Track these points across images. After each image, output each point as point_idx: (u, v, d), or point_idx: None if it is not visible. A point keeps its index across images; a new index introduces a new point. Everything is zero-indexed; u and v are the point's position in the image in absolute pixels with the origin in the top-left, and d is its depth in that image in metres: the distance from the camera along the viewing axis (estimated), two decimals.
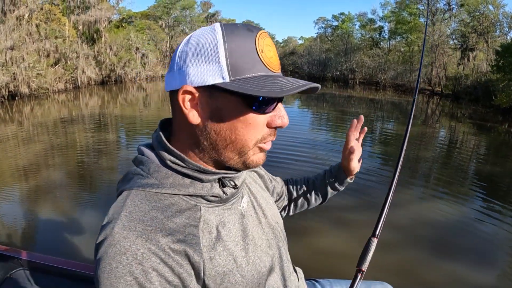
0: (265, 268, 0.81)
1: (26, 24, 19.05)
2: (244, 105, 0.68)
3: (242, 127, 0.70)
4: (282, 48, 71.22)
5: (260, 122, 0.71)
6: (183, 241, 0.67)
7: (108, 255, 0.62)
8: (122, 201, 0.70)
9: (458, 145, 9.82)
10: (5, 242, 3.79)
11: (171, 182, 0.72)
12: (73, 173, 6.31)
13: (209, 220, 0.73)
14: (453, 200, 5.23)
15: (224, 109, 0.69)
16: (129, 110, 15.14)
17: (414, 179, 6.23)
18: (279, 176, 1.27)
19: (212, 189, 0.74)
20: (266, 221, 0.90)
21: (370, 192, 5.24)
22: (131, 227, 0.64)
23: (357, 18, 40.87)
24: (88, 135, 9.59)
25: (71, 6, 24.50)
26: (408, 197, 5.15)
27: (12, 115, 13.68)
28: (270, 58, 0.68)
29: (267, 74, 0.68)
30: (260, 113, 0.70)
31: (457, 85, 24.40)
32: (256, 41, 0.67)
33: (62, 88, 21.13)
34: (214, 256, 0.71)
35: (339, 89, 29.40)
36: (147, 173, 0.73)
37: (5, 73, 15.60)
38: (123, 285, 0.61)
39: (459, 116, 16.65)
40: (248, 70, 0.66)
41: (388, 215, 1.02)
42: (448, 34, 27.57)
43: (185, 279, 0.66)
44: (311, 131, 10.63)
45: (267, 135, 0.73)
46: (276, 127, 0.73)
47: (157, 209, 0.68)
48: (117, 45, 26.92)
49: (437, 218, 4.51)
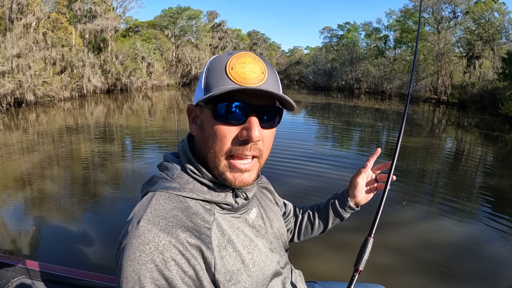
0: (269, 271, 0.90)
1: (33, 32, 19.25)
2: (212, 116, 0.78)
3: (212, 137, 0.79)
4: (288, 58, 71.64)
5: (225, 133, 0.78)
6: (198, 238, 0.75)
7: (133, 245, 0.71)
8: (148, 200, 0.79)
9: (465, 156, 9.56)
10: (7, 250, 3.80)
11: (191, 188, 0.82)
12: (77, 181, 6.28)
13: (221, 224, 0.82)
14: (458, 217, 4.95)
15: (203, 121, 0.81)
16: (134, 119, 15.16)
17: (418, 193, 5.99)
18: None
19: (226, 198, 0.84)
20: (272, 231, 0.99)
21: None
22: (155, 222, 0.73)
23: (362, 27, 41.02)
24: (93, 143, 9.60)
25: (78, 15, 24.78)
26: (412, 214, 4.93)
27: (18, 122, 13.77)
28: (240, 74, 0.76)
29: (235, 87, 0.74)
30: (224, 123, 0.77)
31: (463, 93, 24.27)
32: (229, 61, 0.77)
33: (67, 96, 21.28)
34: (225, 256, 0.79)
35: (344, 99, 29.34)
36: (171, 177, 0.84)
37: (11, 80, 15.71)
38: (145, 271, 0.69)
39: (465, 125, 16.51)
40: (216, 85, 0.76)
41: (390, 235, 1.01)
42: (453, 42, 27.51)
43: (198, 271, 0.74)
44: (315, 143, 10.52)
45: (235, 148, 0.78)
46: (243, 139, 0.78)
47: (178, 209, 0.78)
48: (123, 54, 27.13)
49: (441, 237, 4.25)
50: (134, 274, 0.69)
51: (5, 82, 15.38)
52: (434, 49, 26.84)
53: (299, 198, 5.16)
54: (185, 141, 0.89)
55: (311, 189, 5.65)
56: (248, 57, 0.78)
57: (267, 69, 0.79)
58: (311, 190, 5.60)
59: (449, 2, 27.71)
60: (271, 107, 0.81)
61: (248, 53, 0.79)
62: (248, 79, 0.76)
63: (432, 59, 28.12)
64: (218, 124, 0.78)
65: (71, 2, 24.64)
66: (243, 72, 0.76)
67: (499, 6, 23.40)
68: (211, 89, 0.76)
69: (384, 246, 3.78)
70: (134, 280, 0.69)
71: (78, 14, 24.70)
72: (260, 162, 0.84)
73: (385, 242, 3.89)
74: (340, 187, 1.33)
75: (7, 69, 15.87)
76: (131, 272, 0.69)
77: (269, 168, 6.46)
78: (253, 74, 0.76)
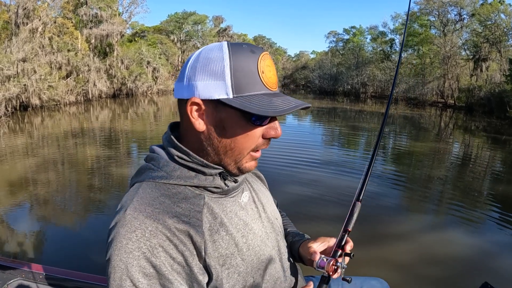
0: (264, 256, 0.88)
1: (39, 37, 19.41)
2: (244, 119, 0.77)
3: (241, 138, 0.78)
4: (294, 63, 71.67)
5: (256, 133, 0.79)
6: (187, 223, 0.74)
7: (120, 234, 0.70)
8: (135, 190, 0.78)
9: (472, 161, 9.29)
10: (4, 252, 3.80)
11: (178, 174, 0.80)
12: (81, 185, 6.28)
13: (212, 207, 0.81)
14: (465, 228, 4.67)
15: (226, 121, 0.77)
16: (139, 123, 15.22)
17: (423, 202, 5.77)
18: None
19: (214, 181, 0.82)
20: (265, 215, 0.97)
21: (379, 201, 5.05)
22: (141, 209, 0.73)
23: (368, 31, 40.96)
24: (98, 148, 9.61)
25: (84, 20, 25.02)
26: (414, 225, 4.72)
27: (23, 125, 13.88)
28: (269, 78, 0.77)
29: (266, 93, 0.76)
30: (258, 126, 0.78)
31: (470, 97, 24.04)
32: (258, 62, 0.76)
33: (73, 100, 21.43)
34: (217, 239, 0.78)
35: (350, 104, 29.23)
36: (157, 167, 0.82)
37: (16, 84, 15.83)
38: (132, 259, 0.68)
39: (472, 129, 16.29)
40: (250, 89, 0.75)
41: (390, 249, 0.95)
42: (460, 45, 27.32)
43: (187, 257, 0.73)
44: (320, 148, 10.38)
45: (260, 145, 0.81)
46: (270, 137, 0.81)
47: (165, 196, 0.77)
48: (128, 59, 27.31)
49: (447, 251, 3.93)
50: (121, 263, 0.68)
51: (10, 86, 15.51)
52: (440, 52, 26.65)
53: (303, 204, 5.06)
54: (168, 131, 0.87)
55: (314, 195, 5.53)
56: (269, 59, 0.79)
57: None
58: (315, 197, 5.48)
59: (455, 5, 27.55)
60: None
61: (266, 53, 0.79)
62: (274, 83, 0.79)
63: (439, 62, 27.93)
64: (249, 124, 0.78)
65: (77, 7, 24.89)
66: (270, 77, 0.78)
67: (505, 8, 23.20)
68: (244, 91, 0.75)
69: (384, 262, 3.62)
70: (121, 270, 0.68)
71: (84, 19, 24.94)
72: None
73: (385, 257, 3.72)
74: (344, 195, 1.26)
75: (13, 73, 16.00)
76: (118, 262, 0.68)
77: (274, 174, 6.44)
78: (274, 78, 0.79)
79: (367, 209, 4.81)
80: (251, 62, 0.75)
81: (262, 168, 1.04)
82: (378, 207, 5.17)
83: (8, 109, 15.41)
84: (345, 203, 5.06)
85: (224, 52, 0.75)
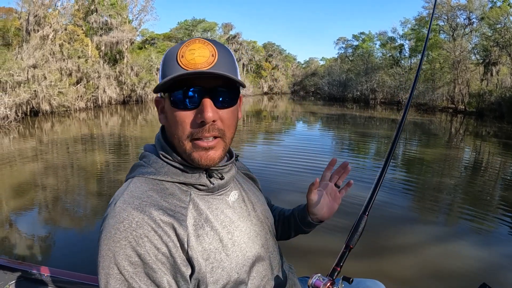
0: (250, 253, 0.90)
1: (50, 43, 19.71)
2: (172, 105, 0.81)
3: (174, 124, 0.82)
4: (304, 69, 71.72)
5: (184, 118, 0.81)
6: (172, 216, 0.77)
7: (109, 224, 0.74)
8: (126, 185, 0.83)
9: (483, 168, 8.99)
10: (9, 253, 3.84)
11: (166, 171, 0.85)
12: (90, 190, 6.34)
13: (198, 204, 0.84)
14: (474, 239, 4.37)
15: (166, 110, 0.85)
16: (148, 130, 15.28)
17: (432, 212, 5.48)
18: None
19: (200, 179, 0.86)
20: (255, 214, 0.99)
21: (384, 211, 4.96)
22: (130, 202, 0.77)
23: (377, 37, 40.86)
24: (107, 153, 9.68)
25: (94, 27, 25.41)
26: (422, 237, 4.44)
27: (33, 130, 14.06)
28: (189, 60, 0.79)
29: (182, 73, 0.77)
30: (180, 109, 0.80)
31: (480, 102, 23.75)
32: (180, 49, 0.80)
33: (83, 106, 21.68)
34: (202, 234, 0.81)
35: (360, 110, 29.01)
36: (148, 164, 0.87)
37: (26, 90, 16.06)
38: (119, 248, 0.71)
39: (483, 135, 16.02)
40: (169, 73, 0.79)
41: (395, 263, 0.91)
42: (469, 49, 27.05)
43: (171, 248, 0.75)
44: (330, 155, 10.06)
45: (196, 132, 0.81)
46: (200, 122, 0.80)
47: (153, 191, 0.81)
48: (138, 66, 27.56)
49: (454, 265, 3.66)
50: (109, 252, 0.72)
51: (21, 92, 15.73)
52: (450, 57, 26.42)
53: None
54: (159, 131, 0.93)
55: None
56: (197, 43, 0.81)
57: (218, 51, 0.81)
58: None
59: (464, 9, 27.37)
60: (223, 87, 0.82)
61: (198, 38, 0.83)
62: (197, 64, 0.78)
63: (448, 67, 27.67)
64: (176, 110, 0.81)
65: (88, 15, 25.27)
66: (192, 58, 0.79)
67: None
68: (166, 75, 0.80)
69: (385, 275, 3.42)
70: (109, 258, 0.72)
71: (94, 26, 25.34)
72: (224, 141, 0.86)
73: (386, 270, 3.55)
74: (351, 206, 1.22)
75: (23, 79, 16.24)
76: (106, 251, 0.72)
77: (279, 180, 6.41)
78: (202, 58, 0.79)
79: (371, 219, 4.58)
80: (174, 51, 0.82)
81: (269, 174, 1.02)
82: (382, 217, 4.92)
83: (18, 114, 15.64)
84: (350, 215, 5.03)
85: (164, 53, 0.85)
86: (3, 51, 16.88)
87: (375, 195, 1.07)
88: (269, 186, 5.98)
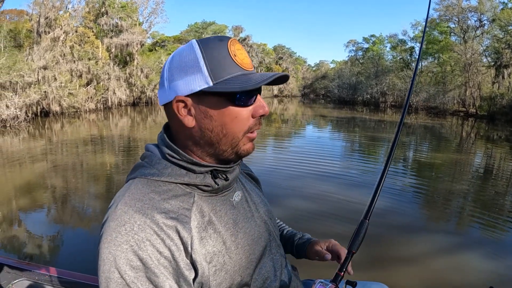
0: (254, 255, 0.89)
1: (61, 45, 19.93)
2: (229, 103, 0.79)
3: (230, 122, 0.80)
4: (314, 72, 71.60)
5: (244, 114, 0.81)
6: (175, 219, 0.76)
7: (110, 227, 0.72)
8: (127, 187, 0.81)
9: (494, 174, 8.67)
10: (15, 253, 3.87)
11: (169, 172, 0.82)
12: (99, 190, 6.40)
13: (202, 206, 0.82)
14: (485, 249, 4.18)
15: (212, 109, 0.79)
16: (157, 131, 15.13)
17: (441, 220, 5.29)
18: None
19: (205, 179, 0.83)
20: (258, 215, 0.98)
21: (388, 218, 4.86)
22: (131, 204, 0.75)
23: (387, 40, 40.60)
24: (117, 154, 9.75)
25: (105, 29, 25.64)
26: (430, 247, 4.23)
27: (43, 131, 14.22)
28: (242, 60, 0.79)
29: (243, 73, 0.79)
30: (243, 106, 0.80)
31: (492, 105, 23.41)
32: (229, 47, 0.78)
33: (93, 107, 21.88)
34: (205, 237, 0.79)
35: (370, 113, 28.69)
36: (150, 164, 0.84)
37: (36, 91, 16.25)
38: (120, 252, 0.70)
39: (495, 139, 15.73)
40: (227, 73, 0.77)
41: (403, 269, 0.86)
42: (481, 51, 26.73)
43: (174, 252, 0.73)
44: (339, 159, 10.01)
45: (253, 125, 0.83)
46: (260, 116, 0.83)
47: (155, 193, 0.79)
48: (148, 68, 27.75)
49: (461, 279, 3.53)
50: (110, 255, 0.70)
51: (31, 93, 15.91)
52: (461, 60, 26.13)
53: (307, 218, 4.82)
54: (162, 131, 0.90)
55: (323, 209, 5.23)
56: (238, 44, 0.82)
57: None
58: (322, 210, 5.19)
59: (474, 10, 27.06)
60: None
61: (234, 39, 0.83)
62: (249, 64, 0.81)
63: (459, 70, 27.37)
64: (238, 107, 0.80)
65: (98, 17, 25.53)
66: (243, 58, 0.80)
67: None
68: (223, 76, 0.77)
69: (394, 285, 3.33)
70: (110, 262, 0.70)
71: (104, 28, 25.59)
72: None
73: (390, 282, 3.43)
74: (355, 211, 1.19)
75: (33, 80, 16.43)
76: (107, 254, 0.71)
77: (288, 183, 6.39)
78: (248, 59, 0.82)
79: (379, 226, 4.45)
80: (222, 49, 0.78)
81: (277, 177, 1.00)
82: (390, 224, 4.76)
83: (28, 115, 15.82)
84: (353, 220, 4.95)
85: (195, 48, 0.78)
86: (14, 53, 17.16)
87: (376, 200, 1.07)
88: (277, 189, 5.96)
